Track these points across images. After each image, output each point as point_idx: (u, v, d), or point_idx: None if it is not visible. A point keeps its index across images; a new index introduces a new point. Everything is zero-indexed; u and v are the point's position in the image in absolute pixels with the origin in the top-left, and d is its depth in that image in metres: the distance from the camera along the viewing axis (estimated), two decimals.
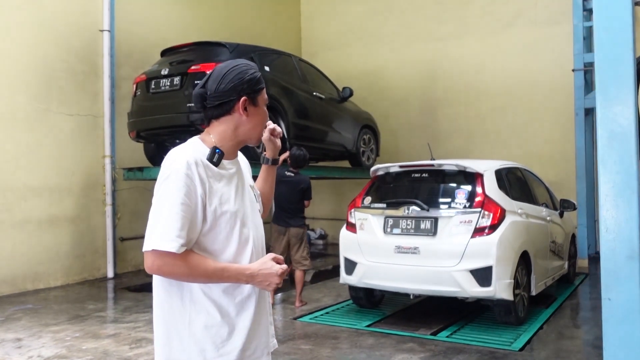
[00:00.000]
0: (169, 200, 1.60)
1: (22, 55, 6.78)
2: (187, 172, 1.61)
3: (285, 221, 5.93)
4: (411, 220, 5.09)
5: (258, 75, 1.79)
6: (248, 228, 1.77)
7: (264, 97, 1.80)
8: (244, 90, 1.74)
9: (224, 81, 1.73)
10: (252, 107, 1.76)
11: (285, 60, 7.77)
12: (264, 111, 1.80)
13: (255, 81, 1.77)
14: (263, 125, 1.82)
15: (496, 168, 5.34)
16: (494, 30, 9.90)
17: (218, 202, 1.68)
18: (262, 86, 1.79)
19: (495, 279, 4.62)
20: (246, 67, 1.79)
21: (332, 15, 11.67)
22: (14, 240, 6.58)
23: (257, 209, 1.89)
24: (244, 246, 1.74)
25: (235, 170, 1.79)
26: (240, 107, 1.74)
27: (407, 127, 10.65)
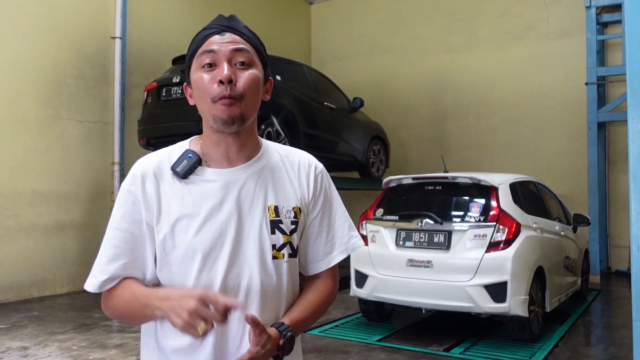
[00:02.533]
0: (108, 226, 1.27)
1: (33, 61, 6.77)
2: (130, 189, 1.25)
3: None
4: (424, 234, 5.01)
5: (193, 39, 1.30)
6: (215, 271, 1.21)
7: (197, 59, 1.26)
8: (186, 68, 1.31)
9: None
10: (191, 82, 1.28)
11: (297, 70, 7.73)
12: (196, 78, 1.24)
13: (188, 50, 1.30)
14: (206, 93, 1.22)
15: (511, 181, 5.26)
16: (505, 43, 9.86)
17: (169, 230, 1.22)
18: (192, 49, 1.28)
19: (510, 294, 4.52)
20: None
21: (342, 25, 11.66)
22: (20, 246, 6.54)
23: (262, 244, 1.26)
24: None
25: (224, 184, 1.25)
26: (187, 92, 1.33)
27: (416, 138, 10.59)
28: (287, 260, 1.29)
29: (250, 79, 1.23)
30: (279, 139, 6.56)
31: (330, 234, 1.38)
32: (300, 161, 1.37)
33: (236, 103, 1.20)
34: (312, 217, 1.36)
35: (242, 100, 1.21)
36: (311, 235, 1.36)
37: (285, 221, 1.29)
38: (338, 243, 1.39)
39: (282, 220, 1.28)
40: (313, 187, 1.35)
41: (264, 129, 6.33)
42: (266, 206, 1.28)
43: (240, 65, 1.23)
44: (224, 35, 1.25)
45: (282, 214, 1.29)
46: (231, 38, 1.25)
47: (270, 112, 6.50)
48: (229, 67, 1.21)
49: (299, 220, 1.32)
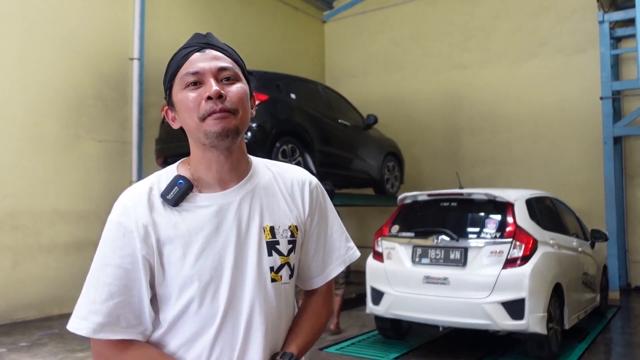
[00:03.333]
0: (93, 263, 1.17)
1: (54, 82, 6.93)
2: (120, 220, 1.17)
3: None
4: (440, 250, 5.01)
5: (171, 60, 1.25)
6: (218, 301, 1.17)
7: (179, 80, 1.20)
8: (166, 90, 1.25)
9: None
10: (174, 104, 1.22)
11: (311, 88, 7.83)
12: (180, 98, 1.19)
13: (167, 71, 1.24)
14: (193, 111, 1.16)
15: (527, 197, 5.25)
16: (519, 59, 9.89)
17: (167, 261, 1.16)
18: (173, 69, 1.22)
19: (528, 312, 4.49)
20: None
21: (355, 43, 11.78)
22: (41, 264, 6.64)
23: (260, 267, 1.22)
24: (204, 327, 1.17)
25: (217, 209, 1.19)
26: (168, 116, 1.26)
27: (431, 154, 10.60)
28: (285, 282, 1.26)
29: (240, 92, 1.19)
30: (293, 157, 6.63)
31: (327, 248, 1.36)
32: (294, 178, 1.33)
33: (230, 116, 1.16)
34: (310, 233, 1.33)
35: (236, 113, 1.17)
36: (310, 251, 1.34)
37: (282, 241, 1.25)
38: (335, 256, 1.38)
39: (278, 240, 1.25)
40: (309, 203, 1.32)
41: (279, 146, 6.41)
42: (262, 227, 1.23)
43: (227, 80, 1.20)
44: (204, 52, 1.22)
45: (278, 234, 1.25)
46: (213, 54, 1.21)
47: (286, 130, 6.58)
48: (216, 83, 1.17)
49: (296, 239, 1.28)
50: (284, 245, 1.25)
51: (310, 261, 1.35)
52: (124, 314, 1.13)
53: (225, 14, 9.53)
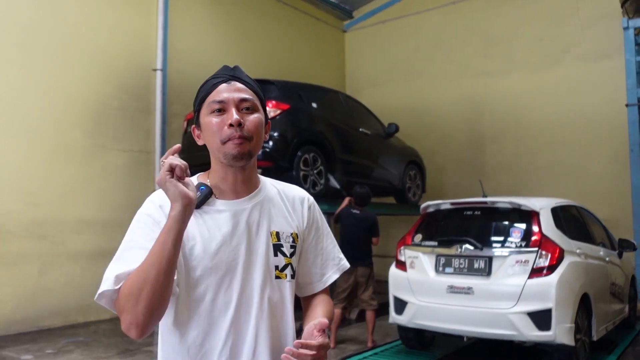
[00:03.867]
0: (121, 246, 1.32)
1: (80, 93, 7.06)
2: (149, 212, 1.36)
3: (353, 260, 5.87)
4: (464, 259, 4.95)
5: (201, 86, 1.44)
6: (231, 291, 1.35)
7: (207, 106, 1.39)
8: (195, 112, 1.45)
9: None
10: (200, 125, 1.42)
11: (332, 97, 7.85)
12: (206, 122, 1.38)
13: (197, 95, 1.44)
14: (216, 135, 1.36)
15: (552, 206, 5.17)
16: (542, 66, 9.78)
17: (188, 253, 1.34)
18: (202, 96, 1.42)
19: (555, 322, 4.41)
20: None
21: (376, 52, 11.78)
22: (67, 272, 6.73)
23: (268, 265, 1.41)
24: (221, 314, 1.34)
25: (232, 214, 1.39)
26: (194, 133, 1.46)
27: (453, 163, 10.52)
28: (289, 280, 1.45)
29: (256, 122, 1.39)
30: (315, 166, 6.64)
31: (323, 257, 1.57)
32: (295, 195, 1.55)
33: (246, 142, 1.35)
34: (308, 243, 1.54)
35: (251, 140, 1.37)
36: (308, 259, 1.54)
37: (286, 245, 1.46)
38: (331, 265, 1.59)
39: (282, 244, 1.45)
40: (307, 217, 1.54)
41: (301, 155, 6.42)
42: (269, 232, 1.44)
43: (246, 110, 1.39)
44: (230, 84, 1.40)
45: (282, 239, 1.45)
46: (237, 86, 1.40)
47: (308, 140, 6.59)
48: (237, 112, 1.36)
49: (296, 245, 1.48)
50: (287, 248, 1.46)
51: (310, 268, 1.55)
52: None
53: (246, 25, 9.62)
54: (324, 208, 6.94)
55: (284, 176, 6.25)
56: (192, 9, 8.69)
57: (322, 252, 1.57)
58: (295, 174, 6.30)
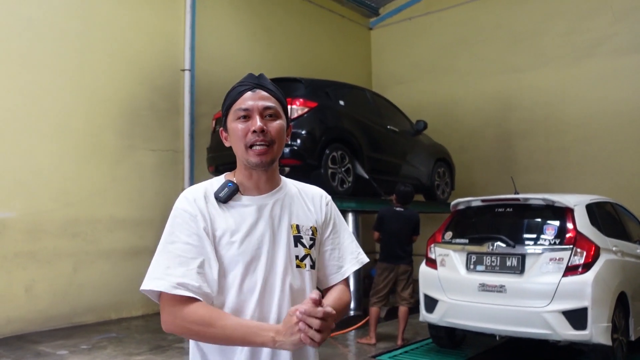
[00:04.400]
0: (164, 240, 1.46)
1: (111, 95, 7.18)
2: (185, 208, 1.48)
3: (395, 258, 5.90)
4: (496, 257, 4.88)
5: (228, 93, 1.57)
6: (256, 276, 1.46)
7: (233, 112, 1.52)
8: (223, 116, 1.58)
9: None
10: (227, 129, 1.56)
11: (359, 94, 7.81)
12: (233, 127, 1.51)
13: (225, 101, 1.57)
14: (241, 140, 1.49)
15: (587, 202, 5.06)
16: (573, 60, 9.58)
17: (218, 243, 1.47)
18: (229, 102, 1.55)
19: (591, 321, 4.31)
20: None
21: (402, 49, 11.70)
22: (99, 270, 6.85)
23: (289, 254, 1.53)
24: (247, 298, 1.45)
25: (257, 208, 1.51)
26: (222, 136, 1.60)
27: (482, 160, 10.38)
28: (308, 269, 1.57)
29: (278, 128, 1.51)
30: (343, 163, 6.62)
31: (341, 251, 1.67)
32: (314, 193, 1.68)
33: (268, 150, 1.48)
34: (326, 237, 1.65)
35: (272, 145, 1.49)
36: (326, 252, 1.65)
37: (305, 237, 1.58)
38: (349, 258, 1.68)
39: (302, 236, 1.57)
40: (325, 212, 1.66)
41: (329, 153, 6.41)
42: (290, 224, 1.56)
43: (269, 117, 1.51)
44: (255, 92, 1.52)
45: (302, 231, 1.58)
46: (261, 95, 1.52)
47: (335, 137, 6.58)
48: (261, 119, 1.48)
49: (315, 238, 1.61)
50: (306, 240, 1.58)
51: (328, 261, 1.65)
52: (193, 279, 1.40)
53: (273, 24, 9.65)
54: (351, 206, 6.93)
55: (312, 174, 6.25)
56: (219, 10, 8.75)
57: (340, 246, 1.67)
58: (323, 172, 6.30)
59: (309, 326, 1.28)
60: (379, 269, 6.04)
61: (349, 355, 5.59)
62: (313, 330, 1.28)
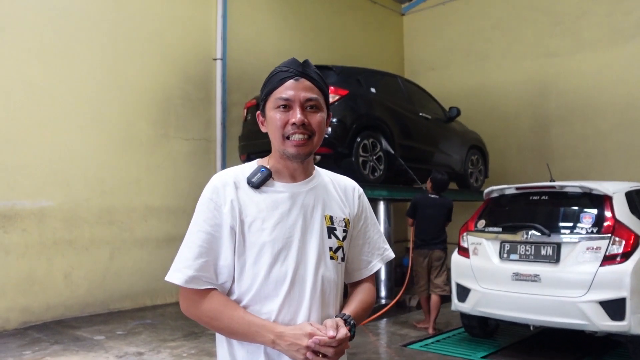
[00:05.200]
0: (189, 229, 1.45)
1: (145, 85, 7.28)
2: (212, 197, 1.44)
3: (429, 244, 5.94)
4: (530, 246, 4.78)
5: (269, 77, 1.51)
6: (287, 266, 1.42)
7: (273, 100, 1.46)
8: (261, 100, 1.53)
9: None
10: (265, 117, 1.51)
11: (391, 81, 7.72)
12: (271, 115, 1.46)
13: (265, 85, 1.51)
14: (279, 130, 1.44)
15: (626, 190, 4.89)
16: (613, 43, 9.24)
17: (247, 229, 1.42)
18: (269, 88, 1.48)
19: (629, 312, 4.19)
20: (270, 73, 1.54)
21: (435, 34, 11.50)
22: (135, 257, 7.00)
23: (323, 245, 1.48)
24: (276, 287, 1.41)
25: (290, 195, 1.47)
26: (259, 119, 1.56)
27: (517, 147, 10.16)
28: (340, 262, 1.52)
29: (319, 121, 1.46)
30: (374, 151, 6.57)
31: (370, 246, 1.64)
32: (346, 184, 1.63)
33: (307, 142, 1.44)
34: (357, 230, 1.61)
35: (312, 137, 1.44)
36: (357, 245, 1.62)
37: (339, 229, 1.53)
38: (376, 254, 1.65)
39: (336, 227, 1.52)
40: (357, 205, 1.61)
41: (360, 141, 6.37)
42: (323, 215, 1.51)
43: (310, 108, 1.45)
44: (298, 81, 1.45)
45: (336, 223, 1.52)
46: (304, 85, 1.45)
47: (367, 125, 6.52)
48: (302, 112, 1.42)
49: (348, 230, 1.55)
50: (340, 232, 1.52)
51: (358, 255, 1.62)
52: (209, 270, 1.41)
53: (304, 12, 9.61)
54: (383, 194, 6.88)
55: (343, 162, 6.23)
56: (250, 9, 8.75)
57: (370, 241, 1.64)
58: (354, 160, 6.26)
59: (319, 354, 1.32)
60: (415, 258, 6.06)
61: (379, 344, 5.58)
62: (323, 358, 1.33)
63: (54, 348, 5.03)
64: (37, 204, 6.19)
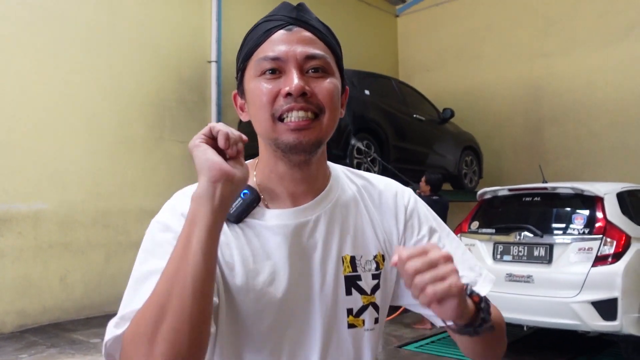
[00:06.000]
0: (137, 266, 0.95)
1: (140, 87, 7.29)
2: (167, 222, 0.96)
3: None
4: (523, 247, 4.82)
5: (248, 33, 0.99)
6: (281, 347, 0.92)
7: (254, 64, 0.94)
8: (238, 71, 0.99)
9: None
10: (245, 94, 0.97)
11: (385, 83, 7.77)
12: (254, 87, 0.93)
13: (241, 47, 0.99)
14: (266, 108, 0.91)
15: (618, 191, 4.94)
16: (605, 43, 9.31)
17: (223, 289, 0.92)
18: (248, 48, 0.96)
19: (621, 312, 4.23)
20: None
21: (429, 36, 11.56)
22: (130, 260, 6.81)
23: (335, 309, 0.95)
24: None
25: (289, 233, 0.93)
26: (236, 103, 1.01)
27: (511, 147, 10.23)
28: (368, 328, 0.97)
29: (330, 89, 0.93)
30: (368, 154, 6.61)
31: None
32: (383, 190, 1.05)
33: (312, 123, 0.90)
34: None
35: (320, 117, 0.92)
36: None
37: (365, 276, 0.97)
38: (472, 276, 1.04)
39: (360, 275, 0.97)
40: (403, 220, 1.03)
41: (354, 144, 6.40)
42: (340, 257, 0.96)
43: (314, 72, 0.93)
44: (291, 31, 0.94)
45: (360, 267, 0.97)
46: (301, 35, 0.94)
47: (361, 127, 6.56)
48: (300, 76, 0.90)
49: (381, 272, 0.99)
50: (367, 281, 0.97)
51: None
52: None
53: None
54: None
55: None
56: (245, 0, 8.78)
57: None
58: (349, 162, 6.30)
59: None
60: None
61: None
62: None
63: (50, 351, 5.04)
64: (33, 207, 6.20)
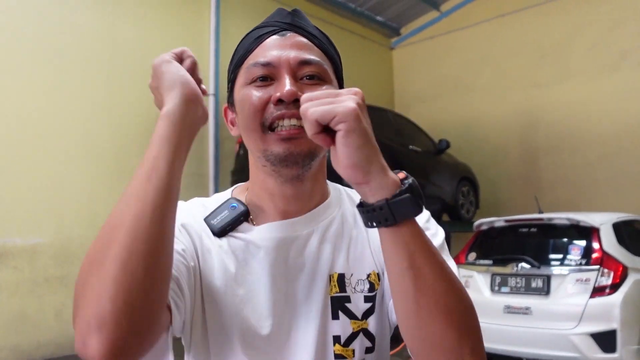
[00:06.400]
0: None
1: (136, 117, 7.33)
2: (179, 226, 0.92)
3: None
4: (521, 278, 4.81)
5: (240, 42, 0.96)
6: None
7: (245, 71, 0.90)
8: (229, 82, 0.96)
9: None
10: (235, 104, 0.92)
11: (380, 115, 7.84)
12: (244, 95, 0.88)
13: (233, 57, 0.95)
14: (255, 117, 0.86)
15: (614, 221, 4.96)
16: (599, 74, 9.45)
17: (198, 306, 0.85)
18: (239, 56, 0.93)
19: (620, 344, 4.21)
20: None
21: (424, 68, 11.72)
22: None
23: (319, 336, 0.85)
24: None
25: (272, 249, 0.87)
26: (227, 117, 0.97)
27: (507, 177, 10.27)
28: (360, 358, 0.86)
29: None
30: None
31: None
32: None
33: (303, 133, 0.77)
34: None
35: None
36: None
37: (355, 298, 0.87)
38: None
39: (349, 296, 0.87)
40: None
41: None
42: (328, 275, 0.87)
43: (309, 79, 0.87)
44: (285, 36, 0.89)
45: (349, 287, 0.87)
46: (295, 40, 0.89)
47: None
48: (293, 82, 0.84)
49: (376, 294, 0.89)
50: (357, 303, 0.87)
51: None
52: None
53: None
54: None
55: None
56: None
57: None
58: None
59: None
60: None
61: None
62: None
63: None
64: (29, 241, 6.18)
